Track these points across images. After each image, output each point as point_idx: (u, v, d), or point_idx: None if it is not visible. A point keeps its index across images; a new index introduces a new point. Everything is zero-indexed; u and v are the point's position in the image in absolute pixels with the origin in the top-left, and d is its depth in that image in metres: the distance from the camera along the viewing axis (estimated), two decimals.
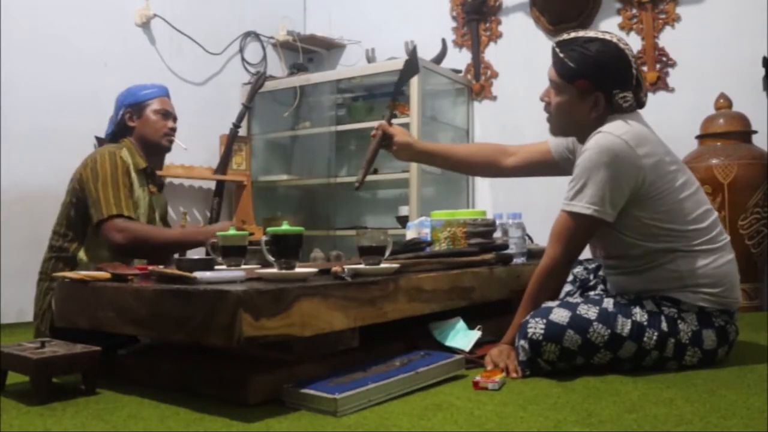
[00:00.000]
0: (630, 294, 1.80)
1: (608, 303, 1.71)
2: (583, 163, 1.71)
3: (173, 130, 2.35)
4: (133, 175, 2.20)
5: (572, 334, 1.64)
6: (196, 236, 2.16)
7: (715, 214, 1.80)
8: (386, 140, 2.19)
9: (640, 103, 1.82)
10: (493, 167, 2.22)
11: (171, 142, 2.36)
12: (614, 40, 1.77)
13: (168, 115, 2.34)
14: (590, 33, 1.80)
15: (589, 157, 1.70)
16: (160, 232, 2.18)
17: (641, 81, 1.81)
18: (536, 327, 1.65)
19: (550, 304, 1.72)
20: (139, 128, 2.29)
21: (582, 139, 1.84)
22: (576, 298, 1.86)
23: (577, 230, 1.74)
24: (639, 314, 1.69)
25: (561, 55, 1.79)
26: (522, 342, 1.67)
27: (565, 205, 1.75)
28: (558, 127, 1.90)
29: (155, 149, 2.33)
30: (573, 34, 1.81)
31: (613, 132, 1.70)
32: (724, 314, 1.75)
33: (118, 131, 2.31)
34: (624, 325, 1.66)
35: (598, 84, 1.76)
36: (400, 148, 2.18)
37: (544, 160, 2.12)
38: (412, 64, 2.26)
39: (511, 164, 2.20)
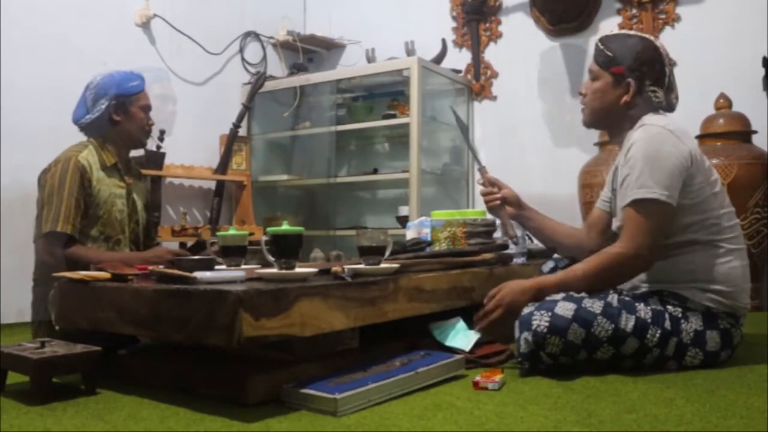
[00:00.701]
0: (640, 285, 1.82)
1: (613, 298, 1.72)
2: (636, 154, 1.74)
3: (152, 125, 2.40)
4: (99, 174, 2.20)
5: (576, 328, 1.64)
6: (131, 260, 2.03)
7: (737, 219, 1.85)
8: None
9: (670, 106, 1.90)
10: (581, 247, 2.12)
11: (148, 137, 2.42)
12: (652, 38, 1.93)
13: (149, 109, 2.35)
14: (632, 32, 1.99)
15: (642, 147, 1.74)
16: (90, 257, 2.05)
17: (673, 86, 1.90)
18: (541, 320, 1.65)
19: (555, 297, 1.72)
20: (124, 123, 2.27)
21: (610, 130, 1.96)
22: (581, 294, 1.86)
23: (649, 218, 1.71)
24: (643, 311, 1.70)
25: (602, 46, 1.91)
26: (525, 334, 1.67)
27: (631, 196, 1.72)
28: (590, 115, 1.96)
29: (135, 145, 2.39)
30: (616, 32, 1.99)
31: (657, 123, 1.78)
32: (730, 317, 1.76)
33: (99, 124, 2.26)
34: (628, 321, 1.67)
35: (632, 72, 1.86)
36: (509, 199, 2.14)
37: (606, 219, 2.06)
38: (462, 123, 2.45)
39: (589, 242, 2.10)
